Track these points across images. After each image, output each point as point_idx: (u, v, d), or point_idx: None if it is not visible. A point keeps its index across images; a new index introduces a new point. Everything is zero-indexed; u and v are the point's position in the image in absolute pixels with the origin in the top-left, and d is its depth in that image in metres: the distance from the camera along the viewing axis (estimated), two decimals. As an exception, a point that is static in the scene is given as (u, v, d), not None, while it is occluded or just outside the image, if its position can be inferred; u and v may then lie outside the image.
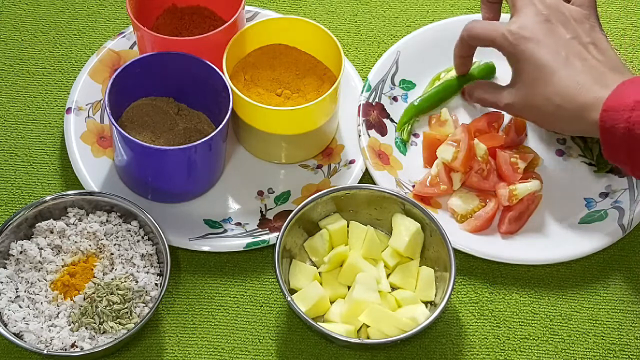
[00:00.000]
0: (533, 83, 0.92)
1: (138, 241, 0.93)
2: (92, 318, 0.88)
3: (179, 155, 0.93)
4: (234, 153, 1.03)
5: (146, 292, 0.90)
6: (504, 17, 1.04)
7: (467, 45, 1.00)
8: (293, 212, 0.93)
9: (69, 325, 0.89)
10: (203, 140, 0.92)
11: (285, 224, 0.92)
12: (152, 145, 0.93)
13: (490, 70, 1.07)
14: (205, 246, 0.96)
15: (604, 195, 1.01)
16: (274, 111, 0.96)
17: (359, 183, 1.00)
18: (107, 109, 0.93)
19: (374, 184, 0.99)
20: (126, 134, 0.92)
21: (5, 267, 0.91)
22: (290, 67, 1.01)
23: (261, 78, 1.01)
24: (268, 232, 0.97)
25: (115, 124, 0.92)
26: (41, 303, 0.89)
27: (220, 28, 0.97)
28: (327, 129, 1.01)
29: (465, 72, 1.03)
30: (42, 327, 0.88)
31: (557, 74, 0.90)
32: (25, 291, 0.90)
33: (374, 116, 1.04)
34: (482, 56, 1.09)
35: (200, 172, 0.97)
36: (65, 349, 0.87)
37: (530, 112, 0.94)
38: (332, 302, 0.92)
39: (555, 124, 0.93)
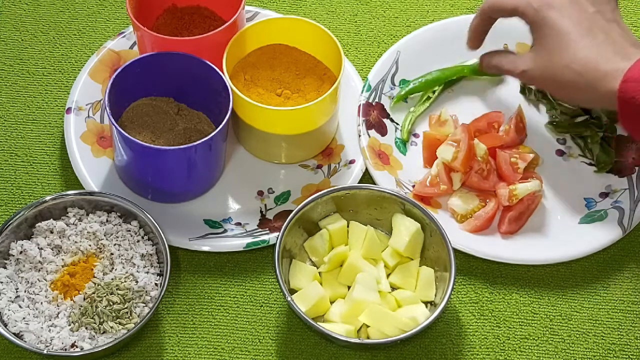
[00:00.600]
0: (554, 50, 0.91)
1: (138, 241, 0.93)
2: (92, 318, 0.88)
3: (179, 155, 0.93)
4: (234, 153, 1.03)
5: (146, 292, 0.90)
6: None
7: (486, 18, 0.98)
8: (293, 212, 0.93)
9: (69, 325, 0.89)
10: (203, 140, 0.92)
11: (285, 224, 0.92)
12: (152, 145, 0.93)
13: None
14: (205, 246, 0.96)
15: (604, 195, 1.01)
16: (274, 111, 0.96)
17: (359, 183, 1.00)
18: (107, 109, 0.93)
19: (374, 184, 0.99)
20: (126, 134, 0.92)
21: (5, 267, 0.91)
22: (290, 67, 1.01)
23: (261, 78, 1.01)
24: (268, 232, 0.97)
25: (115, 124, 0.92)
26: (41, 303, 0.89)
27: (220, 28, 0.97)
28: (327, 129, 1.01)
29: (477, 47, 1.01)
30: (42, 327, 0.88)
31: (579, 43, 0.90)
32: (25, 291, 0.90)
33: (374, 116, 1.04)
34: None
35: (200, 172, 0.97)
36: (65, 349, 0.87)
37: (547, 80, 0.93)
38: (332, 302, 0.92)
39: (571, 93, 0.92)
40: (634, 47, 0.90)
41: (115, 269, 0.91)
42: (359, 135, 1.02)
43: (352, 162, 1.02)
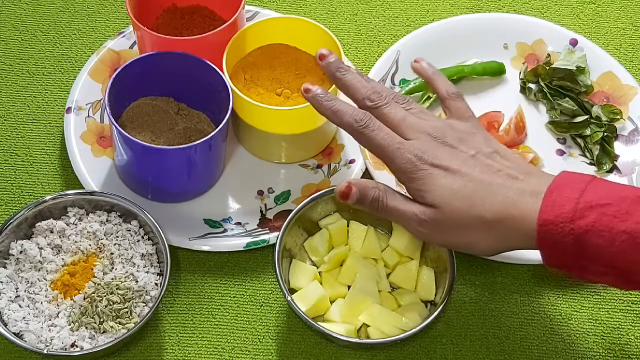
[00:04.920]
0: (457, 211, 0.83)
1: (138, 241, 0.93)
2: (92, 318, 0.88)
3: (179, 155, 0.93)
4: (234, 153, 1.03)
5: (146, 291, 0.90)
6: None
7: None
8: (293, 212, 0.93)
9: (69, 324, 0.89)
10: (203, 139, 0.92)
11: (285, 223, 0.92)
12: (152, 145, 0.93)
13: (498, 70, 1.08)
14: (205, 246, 0.96)
15: (604, 195, 1.01)
16: (274, 111, 0.96)
17: (359, 183, 1.00)
18: (107, 108, 0.93)
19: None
20: (126, 134, 0.92)
21: (5, 267, 0.91)
22: (290, 67, 1.01)
23: (261, 78, 1.01)
24: (268, 231, 0.97)
25: (115, 124, 0.92)
26: (41, 303, 0.89)
27: (220, 28, 0.97)
28: (327, 128, 1.01)
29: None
30: (42, 327, 0.88)
31: (480, 192, 0.83)
32: (25, 291, 0.90)
33: (374, 116, 1.04)
34: (484, 56, 1.09)
35: (200, 171, 0.97)
36: (65, 349, 0.87)
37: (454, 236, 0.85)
38: (332, 302, 0.92)
39: (491, 246, 0.84)
40: (529, 176, 0.84)
41: (115, 269, 0.91)
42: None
43: (352, 161, 1.02)
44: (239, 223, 0.98)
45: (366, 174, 1.01)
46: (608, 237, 0.77)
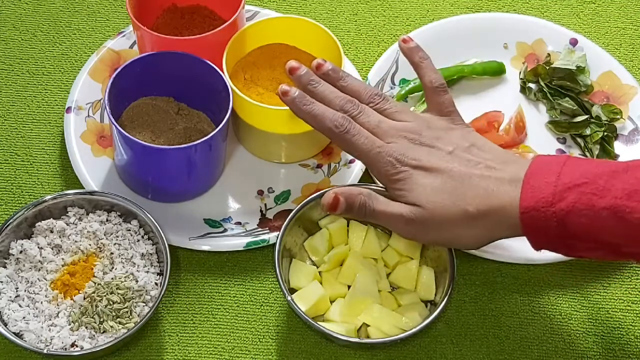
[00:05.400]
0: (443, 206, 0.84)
1: (138, 240, 0.93)
2: (92, 317, 0.88)
3: (179, 155, 0.93)
4: (234, 153, 1.03)
5: (146, 291, 0.90)
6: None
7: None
8: (293, 212, 0.93)
9: (69, 324, 0.89)
10: (203, 139, 0.92)
11: (285, 223, 0.92)
12: (152, 145, 0.93)
13: (498, 70, 1.07)
14: (205, 245, 0.96)
15: (604, 194, 1.01)
16: (274, 111, 0.96)
17: (359, 182, 1.00)
18: (107, 108, 0.93)
19: (374, 183, 0.99)
20: (126, 134, 0.92)
21: (5, 267, 0.91)
22: (290, 67, 1.01)
23: (261, 77, 1.01)
24: (268, 231, 0.97)
25: (115, 124, 0.92)
26: (41, 302, 0.89)
27: (220, 27, 0.97)
28: (327, 128, 1.01)
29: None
30: (42, 327, 0.88)
31: (461, 187, 0.84)
32: (25, 290, 0.90)
33: (374, 116, 1.04)
34: (484, 56, 1.09)
35: (200, 171, 0.97)
36: (65, 349, 0.87)
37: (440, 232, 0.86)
38: (332, 302, 0.92)
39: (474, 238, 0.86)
40: (508, 165, 0.85)
41: (115, 269, 0.91)
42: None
43: (352, 161, 1.02)
44: (239, 223, 0.98)
45: (366, 173, 1.01)
46: (590, 215, 0.78)
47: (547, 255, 0.96)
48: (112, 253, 0.92)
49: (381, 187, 0.90)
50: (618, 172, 0.80)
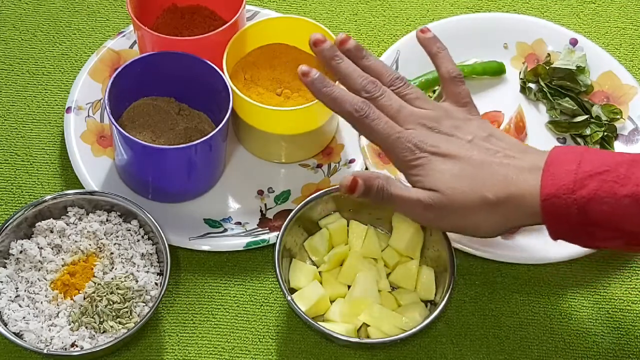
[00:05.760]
0: (463, 193, 0.84)
1: (138, 240, 0.93)
2: (92, 317, 0.88)
3: (180, 155, 0.93)
4: (234, 153, 1.03)
5: (146, 291, 0.90)
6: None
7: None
8: (293, 212, 0.93)
9: (69, 324, 0.89)
10: (203, 139, 0.92)
11: (285, 223, 0.92)
12: (152, 145, 0.93)
13: (498, 70, 1.07)
14: (205, 245, 0.96)
15: (604, 194, 1.01)
16: (274, 111, 0.96)
17: (359, 182, 1.00)
18: (107, 108, 0.93)
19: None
20: (126, 134, 0.92)
21: (5, 267, 0.91)
22: (291, 67, 1.01)
23: (261, 77, 1.01)
24: (268, 231, 0.97)
25: (116, 124, 0.92)
26: (41, 302, 0.89)
27: (221, 28, 0.97)
28: (327, 128, 1.01)
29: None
30: (42, 327, 0.88)
31: (480, 174, 0.84)
32: (25, 290, 0.90)
33: (374, 116, 1.04)
34: (484, 56, 1.09)
35: (200, 171, 0.97)
36: (65, 349, 0.87)
37: (458, 219, 0.85)
38: (332, 302, 0.92)
39: (492, 225, 0.85)
40: (525, 154, 0.85)
41: (115, 269, 0.91)
42: (359, 135, 1.02)
43: (352, 161, 1.02)
44: (239, 223, 0.98)
45: (366, 174, 1.01)
46: (612, 203, 0.79)
47: (547, 255, 0.96)
48: (112, 253, 0.92)
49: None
50: (637, 161, 0.80)
